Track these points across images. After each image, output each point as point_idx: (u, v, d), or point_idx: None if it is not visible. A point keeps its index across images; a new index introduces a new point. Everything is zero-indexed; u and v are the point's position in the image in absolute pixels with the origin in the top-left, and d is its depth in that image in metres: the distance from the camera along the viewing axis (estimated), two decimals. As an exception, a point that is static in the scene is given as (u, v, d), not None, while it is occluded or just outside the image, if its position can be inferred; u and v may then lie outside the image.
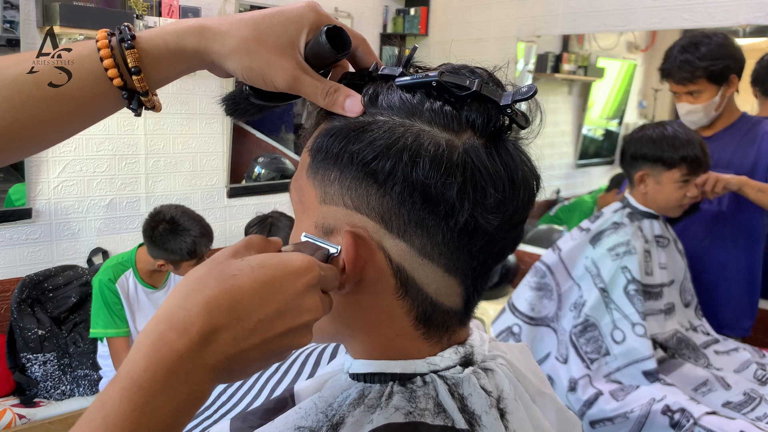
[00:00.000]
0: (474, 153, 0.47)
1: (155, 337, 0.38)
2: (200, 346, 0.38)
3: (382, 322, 0.51)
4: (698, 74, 1.69)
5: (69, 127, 0.53)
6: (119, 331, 2.07)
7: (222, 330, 0.39)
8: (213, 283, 0.40)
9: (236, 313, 0.39)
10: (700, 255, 1.82)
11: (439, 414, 0.49)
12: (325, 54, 0.52)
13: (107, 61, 0.49)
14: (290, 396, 0.58)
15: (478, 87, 0.47)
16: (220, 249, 2.32)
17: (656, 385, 1.49)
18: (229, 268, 0.41)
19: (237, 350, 0.39)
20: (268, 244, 0.46)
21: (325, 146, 0.50)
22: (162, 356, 0.37)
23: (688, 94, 1.74)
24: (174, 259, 2.00)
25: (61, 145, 2.47)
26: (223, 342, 0.39)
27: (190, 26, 0.51)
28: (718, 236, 1.81)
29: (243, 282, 0.40)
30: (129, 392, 0.36)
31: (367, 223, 0.48)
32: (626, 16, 2.65)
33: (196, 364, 0.38)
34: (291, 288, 0.42)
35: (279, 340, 0.41)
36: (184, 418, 0.38)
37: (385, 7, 3.49)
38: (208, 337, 0.38)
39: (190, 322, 0.38)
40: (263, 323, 0.40)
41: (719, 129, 1.81)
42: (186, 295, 0.40)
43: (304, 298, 0.42)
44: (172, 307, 0.39)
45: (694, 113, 1.75)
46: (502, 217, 0.48)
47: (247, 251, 0.44)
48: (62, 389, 2.25)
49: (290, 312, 0.41)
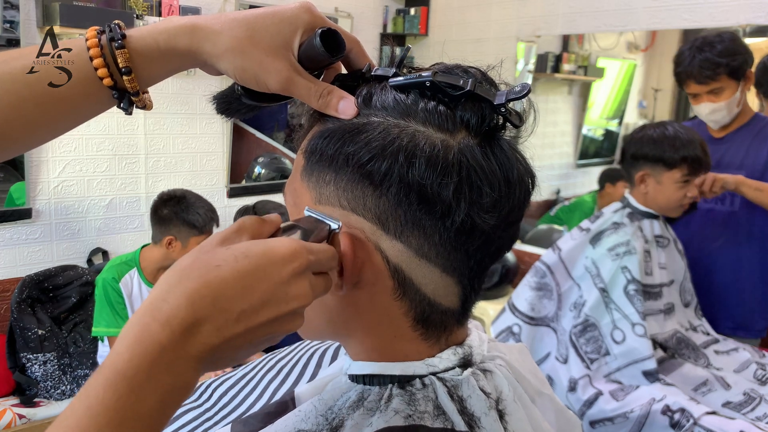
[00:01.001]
0: (469, 152, 0.47)
1: (139, 329, 0.38)
2: (183, 338, 0.38)
3: (380, 323, 0.51)
4: (720, 71, 1.68)
5: (58, 126, 0.52)
6: (120, 331, 2.07)
7: (204, 321, 0.39)
8: (196, 274, 0.40)
9: (219, 304, 0.39)
10: (713, 256, 1.81)
11: (439, 416, 0.49)
12: (318, 56, 0.52)
13: (97, 61, 0.49)
14: (291, 399, 0.58)
15: (472, 86, 0.47)
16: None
17: (656, 385, 1.49)
18: (214, 259, 0.41)
19: (220, 340, 0.39)
20: (263, 224, 0.45)
21: (319, 148, 0.49)
22: (145, 347, 0.37)
23: (710, 93, 1.73)
24: (185, 232, 2.03)
25: (61, 145, 2.48)
26: (206, 333, 0.39)
27: (182, 25, 0.50)
28: (731, 237, 1.80)
29: (226, 273, 0.40)
30: (113, 382, 0.36)
31: (364, 224, 0.48)
32: (626, 16, 2.65)
33: (178, 355, 0.38)
34: (276, 276, 0.41)
35: (265, 328, 0.41)
36: (169, 408, 0.38)
37: (385, 7, 3.49)
38: (191, 329, 0.38)
39: (172, 314, 0.38)
40: (246, 313, 0.40)
41: (733, 129, 1.80)
42: (169, 287, 0.40)
43: (290, 285, 0.42)
44: (155, 299, 0.39)
45: (717, 112, 1.74)
46: (499, 216, 0.48)
47: (238, 236, 0.43)
48: (62, 389, 2.25)
49: (275, 300, 0.41)
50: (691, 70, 1.72)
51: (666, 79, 2.91)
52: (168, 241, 2.06)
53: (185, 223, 2.03)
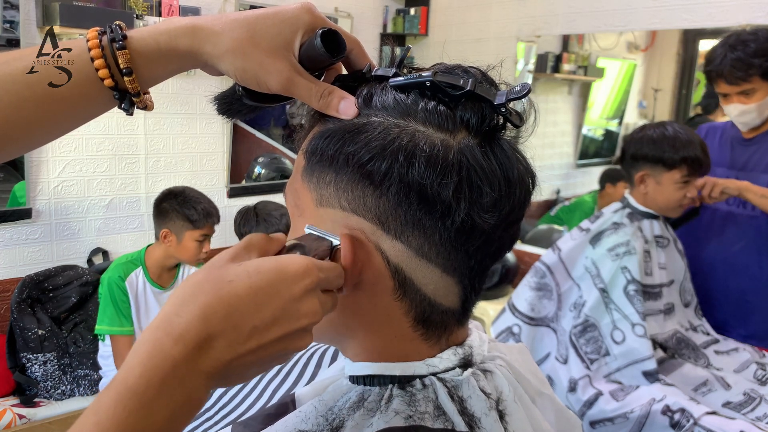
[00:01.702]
0: (469, 152, 0.47)
1: (151, 344, 0.38)
2: (195, 353, 0.38)
3: (380, 323, 0.51)
4: (752, 72, 1.62)
5: (58, 127, 0.52)
6: (123, 330, 2.08)
7: (217, 337, 0.39)
8: (209, 288, 0.40)
9: (232, 320, 0.39)
10: (730, 261, 1.76)
11: (439, 417, 0.49)
12: (319, 57, 0.52)
13: (98, 62, 0.49)
14: (291, 401, 0.58)
15: (472, 86, 0.47)
16: (220, 249, 2.30)
17: (656, 386, 1.49)
18: (227, 274, 0.41)
19: (232, 356, 0.39)
20: (270, 242, 0.45)
21: (320, 148, 0.49)
22: (157, 363, 0.37)
23: (741, 94, 1.67)
24: (179, 225, 2.04)
25: (61, 145, 2.48)
26: (219, 348, 0.39)
27: (183, 26, 0.50)
28: (750, 242, 1.74)
29: (239, 288, 0.40)
30: (123, 398, 0.36)
31: (364, 224, 0.48)
32: (626, 16, 2.64)
33: (191, 370, 0.38)
34: (287, 293, 0.41)
35: (276, 345, 0.41)
36: (180, 424, 0.38)
37: (385, 7, 3.49)
38: (203, 344, 0.38)
39: (186, 329, 0.38)
40: (259, 329, 0.40)
41: (764, 130, 1.74)
42: (183, 302, 0.40)
43: (302, 302, 0.42)
44: (168, 314, 0.39)
45: (747, 113, 1.68)
46: (499, 216, 0.48)
47: (248, 253, 0.44)
48: (62, 389, 2.25)
49: (287, 317, 0.41)
50: (722, 69, 1.64)
51: (666, 79, 2.91)
52: (164, 234, 2.07)
53: (180, 216, 2.04)
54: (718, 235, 1.78)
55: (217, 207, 2.17)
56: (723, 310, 1.77)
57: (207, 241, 2.10)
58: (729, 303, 1.75)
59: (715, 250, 1.75)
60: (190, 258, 2.09)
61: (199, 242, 2.07)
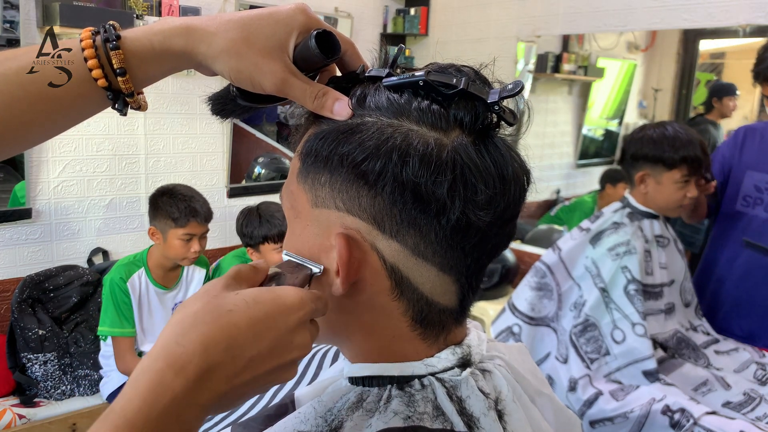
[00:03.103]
0: (463, 150, 0.47)
1: (152, 376, 0.38)
2: (195, 386, 0.39)
3: (378, 323, 0.51)
4: None
5: (52, 127, 0.52)
6: (124, 331, 2.07)
7: (217, 368, 0.39)
8: (209, 318, 0.41)
9: (231, 351, 0.40)
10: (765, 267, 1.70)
11: (438, 417, 0.49)
12: (314, 58, 0.52)
13: (92, 62, 0.49)
14: (290, 402, 0.58)
15: (465, 85, 0.47)
16: (218, 248, 2.30)
17: (656, 385, 1.49)
18: (226, 303, 0.42)
19: (228, 387, 0.40)
20: (256, 272, 0.47)
21: (314, 149, 0.50)
22: (157, 397, 0.38)
23: None
24: (163, 223, 2.00)
25: (61, 145, 2.48)
26: (217, 380, 0.40)
27: (178, 26, 0.50)
28: None
29: (238, 318, 0.41)
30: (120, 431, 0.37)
31: (360, 224, 0.48)
32: (626, 16, 2.64)
33: (189, 403, 0.38)
34: (283, 324, 0.42)
35: (267, 377, 0.42)
36: None
37: (385, 7, 3.49)
38: (204, 376, 0.39)
39: (188, 360, 0.39)
40: (255, 361, 0.41)
41: None
42: (183, 330, 0.40)
43: (295, 334, 0.43)
44: (168, 343, 0.40)
45: None
46: (494, 214, 0.48)
47: (238, 284, 0.45)
48: (62, 389, 2.25)
49: (281, 348, 0.42)
50: None
51: (666, 79, 2.91)
52: (150, 231, 2.05)
53: (164, 213, 2.00)
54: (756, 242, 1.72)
55: (209, 205, 2.10)
56: (750, 318, 1.72)
57: (194, 240, 2.03)
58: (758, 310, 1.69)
59: (753, 256, 1.70)
60: (177, 256, 2.04)
61: (184, 241, 2.00)
